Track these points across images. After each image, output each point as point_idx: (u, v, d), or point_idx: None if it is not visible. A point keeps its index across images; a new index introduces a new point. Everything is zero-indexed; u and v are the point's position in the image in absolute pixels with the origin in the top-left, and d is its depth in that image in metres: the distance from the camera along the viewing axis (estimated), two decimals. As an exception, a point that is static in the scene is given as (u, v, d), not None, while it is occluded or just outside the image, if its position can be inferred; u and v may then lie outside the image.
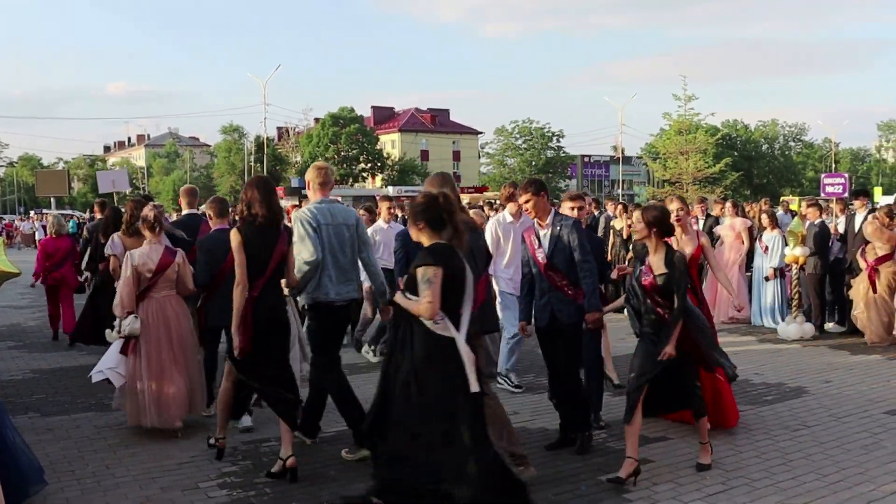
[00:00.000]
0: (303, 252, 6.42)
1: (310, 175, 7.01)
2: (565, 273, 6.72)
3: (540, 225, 6.91)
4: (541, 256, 6.79)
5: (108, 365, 7.25)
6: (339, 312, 6.72)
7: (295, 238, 6.45)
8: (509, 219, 9.05)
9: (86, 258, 11.76)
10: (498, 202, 18.46)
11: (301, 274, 6.37)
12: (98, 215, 12.12)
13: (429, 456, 5.02)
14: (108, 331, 8.22)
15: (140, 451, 6.83)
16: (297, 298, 7.09)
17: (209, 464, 6.51)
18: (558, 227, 6.78)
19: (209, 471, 6.36)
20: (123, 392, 7.27)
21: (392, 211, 11.69)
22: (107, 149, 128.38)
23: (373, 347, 10.67)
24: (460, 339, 5.06)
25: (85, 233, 13.08)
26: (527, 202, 6.88)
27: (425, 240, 5.29)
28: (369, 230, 9.73)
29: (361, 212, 11.23)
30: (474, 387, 5.00)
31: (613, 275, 8.75)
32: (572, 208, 7.60)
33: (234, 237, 6.05)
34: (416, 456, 5.05)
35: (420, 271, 5.05)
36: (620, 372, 8.67)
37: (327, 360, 6.76)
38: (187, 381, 7.25)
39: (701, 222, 14.87)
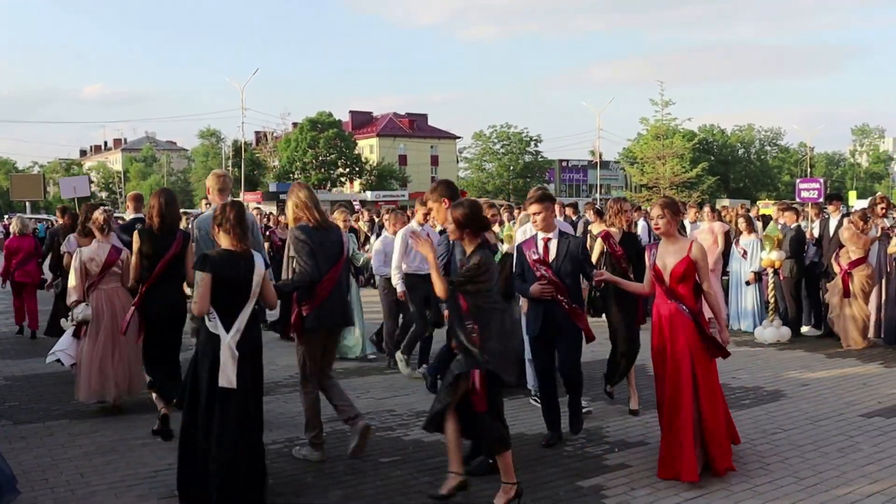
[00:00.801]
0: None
1: (209, 182, 7.61)
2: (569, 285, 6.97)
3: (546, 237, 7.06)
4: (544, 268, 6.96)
5: (61, 348, 8.70)
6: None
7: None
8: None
9: (48, 259, 13.19)
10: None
11: None
12: (60, 220, 13.39)
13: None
14: (62, 319, 9.04)
15: (115, 459, 6.76)
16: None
17: (185, 471, 6.44)
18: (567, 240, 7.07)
19: (185, 478, 6.29)
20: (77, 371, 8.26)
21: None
22: (83, 153, 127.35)
23: (405, 357, 10.23)
24: (225, 337, 5.58)
25: (48, 236, 14.18)
26: (537, 213, 7.05)
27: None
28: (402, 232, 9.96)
29: (337, 214, 11.04)
30: (222, 381, 5.54)
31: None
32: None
33: (134, 240, 7.28)
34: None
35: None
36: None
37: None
38: (127, 362, 8.11)
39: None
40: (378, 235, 13.35)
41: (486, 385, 5.54)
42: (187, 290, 7.11)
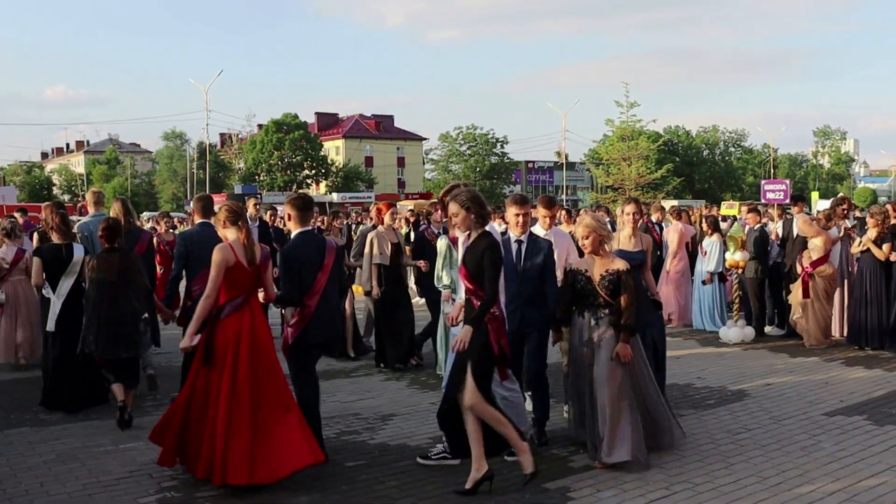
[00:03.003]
0: None
1: (87, 196, 10.27)
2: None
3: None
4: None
5: None
6: None
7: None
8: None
9: None
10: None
11: None
12: None
13: None
14: None
15: (77, 467, 6.65)
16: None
17: (148, 478, 6.36)
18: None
19: (148, 486, 6.22)
20: None
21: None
22: (44, 155, 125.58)
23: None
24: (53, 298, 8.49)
25: None
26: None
27: None
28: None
29: (323, 218, 11.46)
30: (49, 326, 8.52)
31: None
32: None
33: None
34: None
35: None
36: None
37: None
38: (30, 331, 10.52)
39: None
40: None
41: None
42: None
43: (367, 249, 10.52)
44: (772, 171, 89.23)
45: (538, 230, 7.87)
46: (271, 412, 6.09)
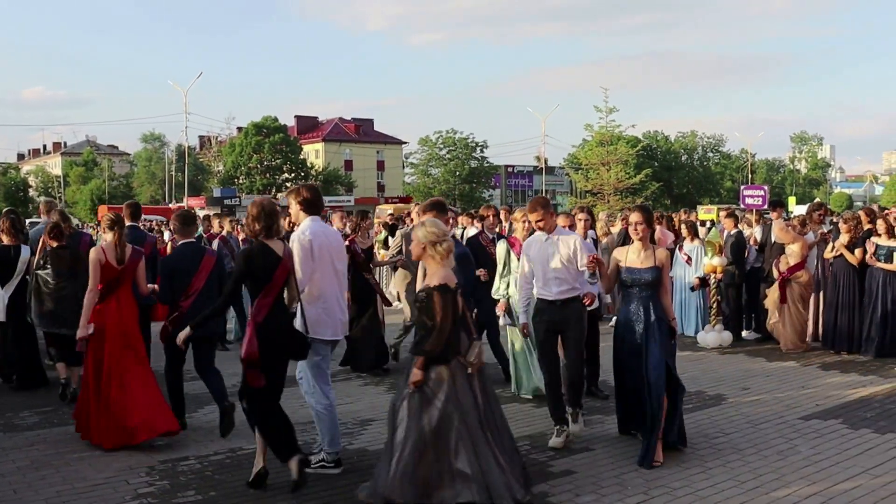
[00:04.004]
0: None
1: (41, 205, 11.23)
2: None
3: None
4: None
5: None
6: None
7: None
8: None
9: None
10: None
11: None
12: None
13: None
14: None
15: (51, 474, 6.59)
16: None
17: (124, 485, 6.31)
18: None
19: (124, 492, 6.17)
20: None
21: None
22: (21, 156, 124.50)
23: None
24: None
25: None
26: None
27: None
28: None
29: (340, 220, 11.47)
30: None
31: None
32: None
33: None
34: None
35: None
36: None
37: None
38: None
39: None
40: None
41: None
42: None
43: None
44: (749, 176, 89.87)
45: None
46: (132, 386, 7.25)
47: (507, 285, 8.97)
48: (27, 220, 19.30)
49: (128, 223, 9.04)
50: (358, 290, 10.33)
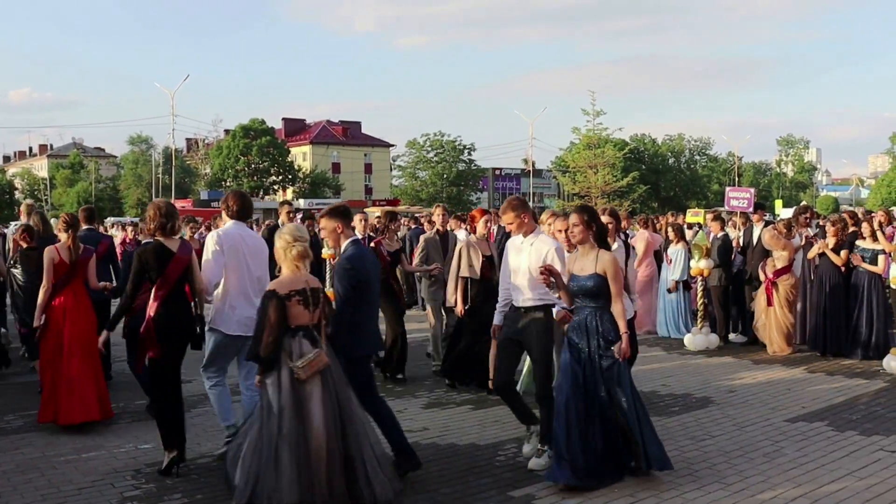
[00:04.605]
0: None
1: (22, 207, 11.67)
2: None
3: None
4: None
5: None
6: None
7: None
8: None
9: None
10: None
11: None
12: None
13: None
14: None
15: (36, 477, 6.55)
16: None
17: (111, 488, 6.29)
18: None
19: (111, 496, 6.14)
20: None
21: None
22: (6, 158, 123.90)
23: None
24: None
25: None
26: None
27: None
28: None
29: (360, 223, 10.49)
30: None
31: None
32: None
33: None
34: None
35: None
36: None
37: None
38: None
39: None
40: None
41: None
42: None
43: (454, 261, 9.61)
44: (736, 179, 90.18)
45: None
46: (82, 372, 7.91)
47: None
48: (11, 223, 19.53)
49: (85, 226, 9.66)
50: (387, 294, 9.66)
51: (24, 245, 9.90)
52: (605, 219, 7.66)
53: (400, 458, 6.33)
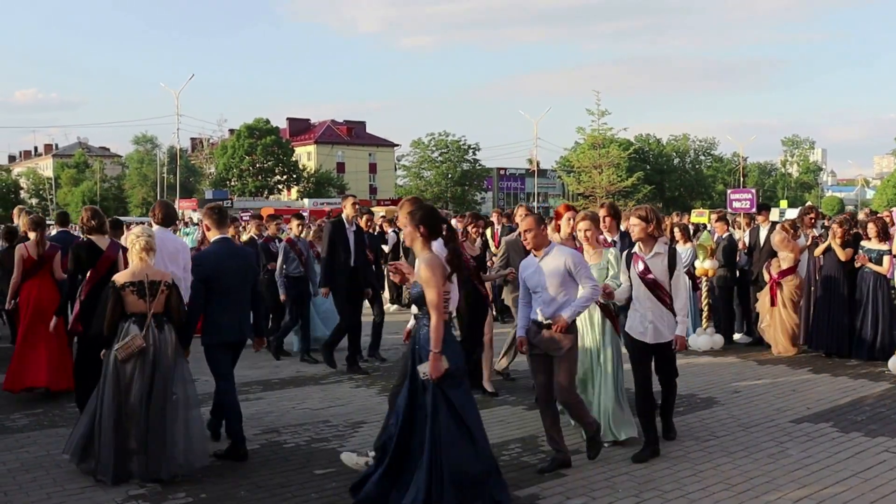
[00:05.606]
0: None
1: (15, 210, 13.30)
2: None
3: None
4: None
5: None
6: None
7: None
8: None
9: None
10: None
11: None
12: None
13: None
14: None
15: (42, 476, 6.57)
16: None
17: (115, 487, 6.29)
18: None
19: (115, 494, 6.15)
20: None
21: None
22: (12, 158, 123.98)
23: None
24: None
25: None
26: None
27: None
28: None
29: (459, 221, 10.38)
30: None
31: None
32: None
33: None
34: None
35: None
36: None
37: None
38: None
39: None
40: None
41: None
42: None
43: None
44: (741, 179, 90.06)
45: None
46: (34, 343, 9.22)
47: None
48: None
49: (59, 228, 10.89)
50: (471, 300, 9.08)
51: (6, 245, 11.59)
52: (602, 213, 7.73)
53: (231, 447, 6.98)
